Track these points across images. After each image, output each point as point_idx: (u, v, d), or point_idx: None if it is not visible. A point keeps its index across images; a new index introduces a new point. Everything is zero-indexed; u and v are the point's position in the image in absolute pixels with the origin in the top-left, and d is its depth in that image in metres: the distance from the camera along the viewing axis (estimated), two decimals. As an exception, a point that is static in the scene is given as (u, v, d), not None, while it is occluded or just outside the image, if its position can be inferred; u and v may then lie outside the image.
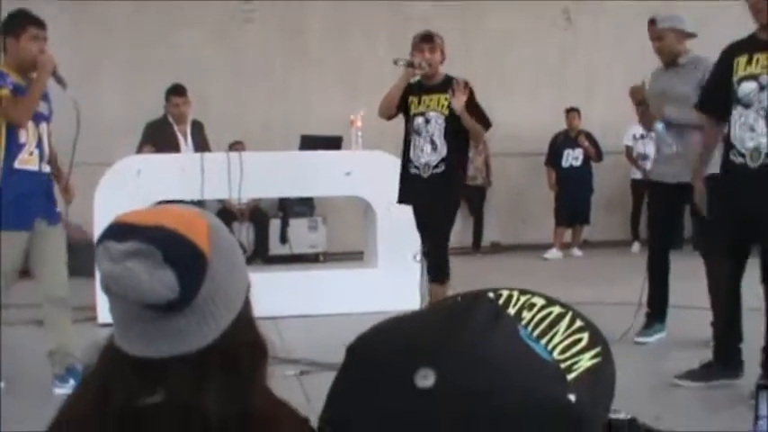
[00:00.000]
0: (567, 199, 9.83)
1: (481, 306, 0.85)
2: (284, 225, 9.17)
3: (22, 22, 4.10)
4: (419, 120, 5.25)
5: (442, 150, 5.22)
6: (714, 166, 4.25)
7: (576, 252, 9.91)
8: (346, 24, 9.88)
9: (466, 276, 6.54)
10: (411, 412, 0.74)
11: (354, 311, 5.74)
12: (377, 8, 9.85)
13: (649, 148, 9.13)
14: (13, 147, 4.03)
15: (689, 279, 4.80)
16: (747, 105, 3.87)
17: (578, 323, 0.89)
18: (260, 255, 8.93)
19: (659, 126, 4.97)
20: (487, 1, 10.10)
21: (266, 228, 9.06)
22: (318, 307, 5.93)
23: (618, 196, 10.39)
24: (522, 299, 0.91)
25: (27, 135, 4.08)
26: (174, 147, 6.73)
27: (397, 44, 9.70)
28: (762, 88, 3.81)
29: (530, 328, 0.88)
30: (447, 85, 5.22)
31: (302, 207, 9.34)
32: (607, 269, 8.47)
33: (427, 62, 5.18)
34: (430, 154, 5.24)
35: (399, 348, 0.76)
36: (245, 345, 1.09)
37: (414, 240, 6.00)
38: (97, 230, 5.75)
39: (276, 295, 5.82)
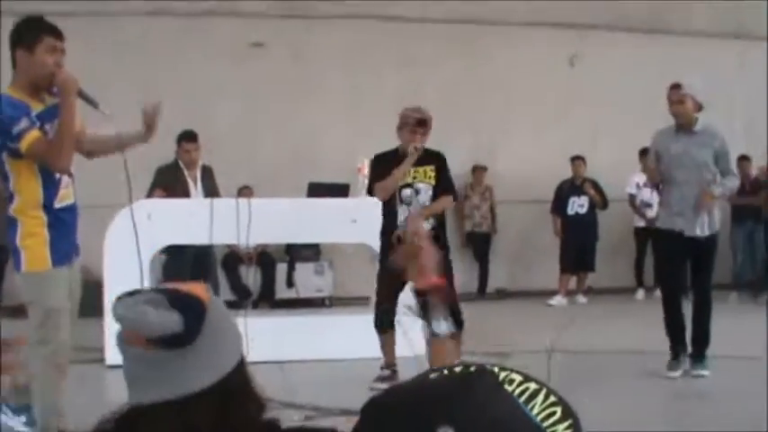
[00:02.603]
0: (572, 246, 9.89)
1: (486, 375, 0.95)
2: (291, 269, 9.23)
3: (37, 30, 3.42)
4: (407, 191, 5.34)
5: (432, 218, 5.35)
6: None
7: (581, 299, 9.95)
8: (354, 58, 10.02)
9: (471, 323, 6.59)
10: None
11: (360, 356, 5.79)
12: (384, 47, 10.03)
13: (653, 197, 9.24)
14: (51, 186, 3.53)
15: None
16: None
17: (552, 398, 0.99)
18: (266, 298, 8.99)
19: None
20: (492, 48, 10.29)
21: (273, 271, 9.12)
22: (324, 351, 5.97)
23: (622, 243, 10.44)
24: (503, 374, 1.01)
25: None
26: (184, 192, 6.81)
27: (403, 80, 9.98)
28: None
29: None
30: (430, 156, 5.33)
31: (308, 251, 9.40)
32: (611, 316, 8.49)
33: (422, 145, 5.29)
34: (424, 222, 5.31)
35: (418, 406, 0.84)
36: (238, 404, 1.21)
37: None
38: (108, 273, 5.77)
39: (282, 339, 5.89)
